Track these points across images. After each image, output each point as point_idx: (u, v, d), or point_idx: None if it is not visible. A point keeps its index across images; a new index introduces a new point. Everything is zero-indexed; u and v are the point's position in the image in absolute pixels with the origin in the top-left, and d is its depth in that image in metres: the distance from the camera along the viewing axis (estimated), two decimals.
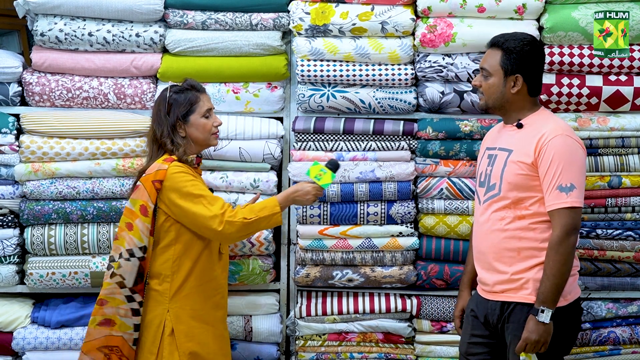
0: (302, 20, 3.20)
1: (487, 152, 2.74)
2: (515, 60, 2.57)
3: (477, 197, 2.74)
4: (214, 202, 2.63)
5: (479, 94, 2.68)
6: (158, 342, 2.65)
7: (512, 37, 2.61)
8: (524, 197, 2.55)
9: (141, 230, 2.64)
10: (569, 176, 2.47)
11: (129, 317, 2.66)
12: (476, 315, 2.72)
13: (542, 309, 2.44)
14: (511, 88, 2.59)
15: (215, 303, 2.75)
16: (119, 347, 2.66)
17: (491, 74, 2.61)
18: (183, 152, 2.72)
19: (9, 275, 3.25)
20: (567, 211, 2.47)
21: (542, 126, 2.57)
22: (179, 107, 2.74)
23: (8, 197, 3.24)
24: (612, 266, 3.22)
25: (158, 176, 2.64)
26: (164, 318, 2.65)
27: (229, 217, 2.60)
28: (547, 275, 2.46)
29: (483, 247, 2.67)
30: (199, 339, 2.66)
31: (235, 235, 2.64)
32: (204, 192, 2.66)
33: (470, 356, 2.73)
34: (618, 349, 3.27)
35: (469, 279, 2.88)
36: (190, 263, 2.67)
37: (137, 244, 2.63)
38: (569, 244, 2.46)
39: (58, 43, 3.23)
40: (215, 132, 2.80)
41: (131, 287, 2.64)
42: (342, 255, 3.26)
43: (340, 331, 3.31)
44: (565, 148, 2.50)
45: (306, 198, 2.73)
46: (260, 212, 2.63)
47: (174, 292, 2.66)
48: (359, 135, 3.25)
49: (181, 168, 2.67)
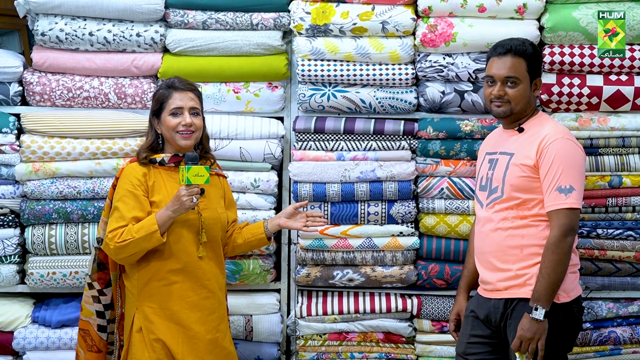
0: (302, 20, 3.20)
1: (487, 156, 2.77)
2: (537, 64, 2.68)
3: (478, 201, 2.76)
4: (119, 219, 2.61)
5: (499, 102, 2.66)
6: (129, 337, 2.69)
7: (523, 43, 2.68)
8: (527, 199, 2.59)
9: (100, 223, 2.81)
10: (569, 178, 2.52)
11: (90, 303, 2.83)
12: (476, 315, 2.72)
13: (536, 307, 2.48)
14: (534, 92, 2.69)
15: (190, 304, 2.66)
16: (89, 330, 2.85)
17: (521, 81, 2.64)
18: (143, 150, 2.73)
19: (10, 275, 3.25)
20: (566, 212, 2.50)
21: (543, 129, 2.62)
22: (152, 104, 2.77)
23: (9, 196, 3.24)
24: (613, 266, 3.22)
25: (118, 174, 2.75)
26: (133, 314, 2.67)
27: (109, 240, 2.59)
28: (542, 274, 2.49)
29: (485, 247, 2.68)
30: (167, 337, 2.63)
31: (116, 257, 2.63)
32: (124, 204, 2.62)
33: (469, 355, 2.74)
34: (619, 349, 3.27)
35: (466, 283, 2.90)
36: (156, 262, 2.64)
37: (96, 234, 2.86)
38: (566, 245, 2.50)
39: (59, 43, 3.24)
40: (181, 131, 2.69)
41: (90, 274, 2.82)
42: (343, 255, 3.26)
43: (341, 331, 3.31)
44: (566, 151, 2.55)
45: (181, 202, 2.55)
46: (137, 232, 2.55)
47: (140, 290, 2.66)
48: (359, 135, 3.25)
49: (132, 171, 2.68)
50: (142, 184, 2.66)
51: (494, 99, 2.67)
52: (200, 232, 2.69)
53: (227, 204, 2.90)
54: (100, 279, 2.81)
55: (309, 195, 3.20)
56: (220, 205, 2.82)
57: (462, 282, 2.92)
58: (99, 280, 2.81)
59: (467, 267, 2.91)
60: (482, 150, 2.85)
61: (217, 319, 2.75)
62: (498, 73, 2.65)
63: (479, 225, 2.73)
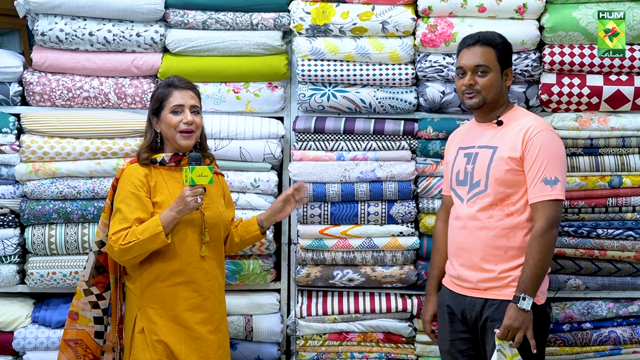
0: (302, 20, 3.20)
1: (461, 151, 2.78)
2: (506, 54, 2.71)
3: (458, 196, 2.76)
4: (122, 221, 2.60)
5: (471, 93, 2.69)
6: (130, 338, 2.67)
7: (492, 34, 2.74)
8: (510, 193, 2.62)
9: (99, 225, 2.78)
10: (554, 170, 2.56)
11: (88, 310, 2.81)
12: (452, 311, 2.74)
13: (523, 297, 2.50)
14: (505, 82, 2.72)
15: (193, 305, 2.67)
16: (83, 340, 2.81)
17: (490, 70, 2.68)
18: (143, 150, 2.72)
19: (10, 275, 3.25)
20: (552, 203, 2.55)
21: (523, 121, 2.66)
22: (151, 103, 2.76)
23: (9, 196, 3.24)
24: (613, 266, 3.22)
25: (117, 174, 2.74)
26: (135, 315, 2.67)
27: (112, 242, 2.58)
28: (529, 265, 2.53)
29: (468, 245, 2.69)
30: (169, 338, 2.63)
31: (120, 259, 2.62)
32: (126, 206, 2.61)
33: (457, 352, 2.76)
34: (619, 349, 3.27)
35: (437, 282, 2.91)
36: (159, 263, 2.64)
37: (95, 238, 2.80)
38: (552, 236, 2.55)
39: (59, 43, 3.24)
40: (182, 130, 2.69)
41: (87, 280, 2.79)
42: (343, 255, 3.26)
43: (341, 331, 3.31)
44: (550, 142, 2.60)
45: (186, 202, 2.56)
46: (141, 234, 2.55)
47: (143, 291, 2.66)
48: (359, 135, 3.25)
49: (133, 172, 2.67)
50: (145, 185, 2.66)
51: (465, 90, 2.71)
52: (203, 231, 2.69)
53: (226, 202, 2.90)
54: (99, 283, 2.80)
55: (309, 195, 3.20)
56: (221, 204, 2.83)
57: (433, 283, 2.92)
58: (97, 285, 2.80)
59: (437, 267, 2.91)
60: (453, 145, 2.86)
61: (218, 319, 2.76)
62: (467, 63, 2.69)
63: (459, 221, 2.73)
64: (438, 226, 2.95)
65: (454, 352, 2.76)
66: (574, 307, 3.24)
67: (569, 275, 3.23)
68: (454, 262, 2.75)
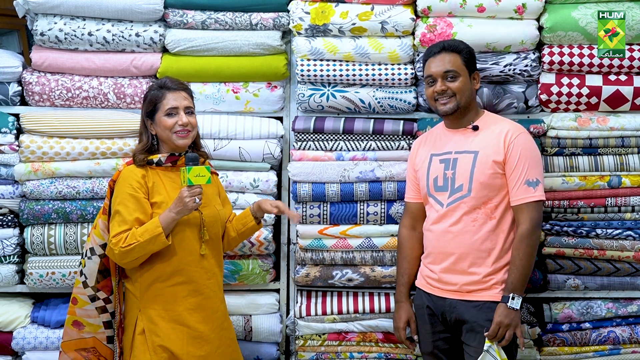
0: (302, 19, 3.20)
1: (435, 158, 2.82)
2: (472, 59, 2.82)
3: (436, 202, 2.78)
4: (121, 223, 2.59)
5: (444, 99, 2.75)
6: (130, 340, 2.67)
7: (454, 41, 2.85)
8: (492, 195, 2.68)
9: (101, 228, 2.73)
10: (535, 172, 2.66)
11: (95, 316, 2.76)
12: (433, 312, 2.78)
13: (512, 296, 2.58)
14: (475, 85, 2.80)
15: (193, 304, 2.67)
16: (96, 347, 2.76)
17: (459, 74, 2.75)
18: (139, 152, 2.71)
19: (9, 275, 3.25)
20: (535, 205, 2.65)
21: (499, 125, 2.74)
22: (145, 106, 2.76)
23: (8, 196, 3.24)
24: (612, 266, 3.22)
25: (114, 176, 2.73)
26: (136, 317, 2.66)
27: (113, 245, 2.58)
28: (516, 265, 2.61)
29: (452, 249, 2.72)
30: (170, 338, 2.62)
31: (121, 261, 2.61)
32: (125, 208, 2.61)
33: (440, 352, 2.80)
34: (618, 349, 3.26)
35: (408, 289, 2.96)
36: (159, 264, 2.64)
37: (99, 241, 2.73)
38: (536, 237, 2.66)
39: (58, 43, 3.23)
40: (178, 131, 2.69)
41: (93, 285, 2.74)
42: (342, 254, 3.26)
43: (340, 331, 3.31)
44: (528, 144, 2.70)
45: (184, 203, 2.56)
46: (141, 236, 2.54)
47: (143, 292, 2.65)
48: (358, 135, 3.24)
49: (131, 173, 2.67)
50: (142, 186, 2.65)
51: (438, 97, 2.76)
52: (202, 230, 2.70)
53: (222, 200, 2.91)
54: (105, 287, 2.75)
55: (308, 195, 3.21)
56: (217, 203, 2.84)
57: (404, 290, 2.96)
58: (104, 289, 2.75)
59: (406, 274, 2.95)
60: (424, 152, 2.89)
61: (221, 317, 2.77)
62: (437, 70, 2.76)
63: (439, 225, 2.75)
64: (403, 233, 2.99)
65: (437, 352, 2.81)
66: (573, 307, 3.24)
67: (568, 275, 3.22)
68: (433, 267, 2.79)
